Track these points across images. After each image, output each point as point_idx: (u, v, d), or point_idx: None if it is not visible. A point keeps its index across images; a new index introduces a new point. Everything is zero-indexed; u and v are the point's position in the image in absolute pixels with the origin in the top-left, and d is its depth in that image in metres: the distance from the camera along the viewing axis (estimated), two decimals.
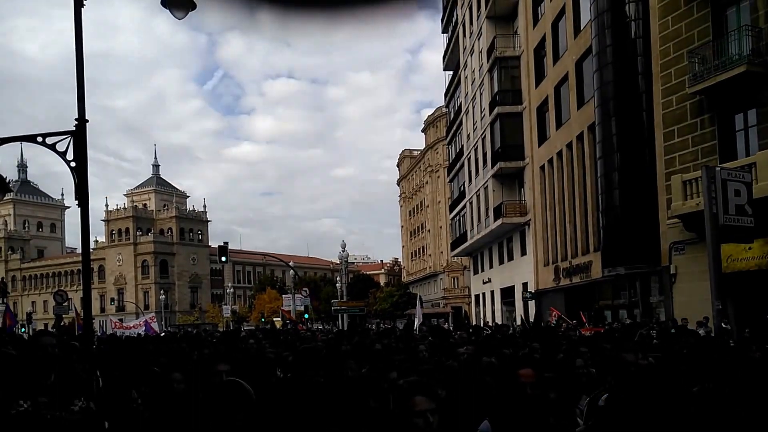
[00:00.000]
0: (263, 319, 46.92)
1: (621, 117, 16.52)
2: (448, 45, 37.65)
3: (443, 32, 39.77)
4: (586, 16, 19.03)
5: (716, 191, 11.40)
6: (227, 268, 70.25)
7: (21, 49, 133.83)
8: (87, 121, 6.39)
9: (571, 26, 20.91)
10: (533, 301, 25.68)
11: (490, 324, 16.93)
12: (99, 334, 13.75)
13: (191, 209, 76.59)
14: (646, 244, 16.15)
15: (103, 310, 64.45)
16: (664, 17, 15.15)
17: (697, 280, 13.56)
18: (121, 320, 34.62)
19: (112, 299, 67.72)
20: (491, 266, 32.61)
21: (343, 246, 31.56)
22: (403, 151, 70.66)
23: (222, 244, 28.65)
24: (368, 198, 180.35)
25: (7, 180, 6.44)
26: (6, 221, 79.24)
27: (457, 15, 35.43)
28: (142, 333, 20.41)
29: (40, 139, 6.39)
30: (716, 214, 11.56)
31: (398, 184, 72.46)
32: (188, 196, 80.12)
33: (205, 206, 77.75)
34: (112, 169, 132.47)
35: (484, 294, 34.61)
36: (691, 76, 13.81)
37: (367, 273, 70.94)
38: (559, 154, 22.48)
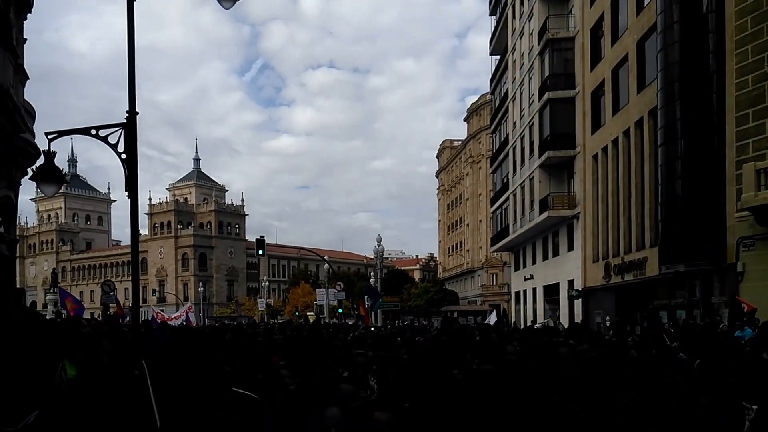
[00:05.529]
0: (297, 313, 47.33)
1: (687, 100, 15.24)
2: (496, 28, 36.09)
3: (491, 14, 38.16)
4: None
5: None
6: (263, 262, 71.48)
7: (71, 44, 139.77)
8: (137, 113, 6.19)
9: (633, 3, 19.52)
10: (579, 299, 24.61)
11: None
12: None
13: (229, 203, 78.25)
14: (710, 239, 14.96)
15: (144, 300, 66.84)
16: None
17: None
18: (162, 311, 35.66)
19: (154, 290, 70.18)
20: (534, 262, 31.47)
21: (379, 240, 31.23)
22: (443, 141, 69.06)
23: (259, 237, 28.94)
24: (405, 191, 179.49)
25: (63, 172, 6.40)
26: (57, 214, 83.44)
27: None
28: (178, 324, 20.70)
29: (93, 131, 6.25)
30: None
31: (437, 176, 71.13)
32: (227, 190, 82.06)
33: (243, 200, 79.34)
34: (156, 162, 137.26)
35: (525, 291, 33.51)
36: None
37: (402, 268, 70.44)
38: (615, 141, 21.19)
